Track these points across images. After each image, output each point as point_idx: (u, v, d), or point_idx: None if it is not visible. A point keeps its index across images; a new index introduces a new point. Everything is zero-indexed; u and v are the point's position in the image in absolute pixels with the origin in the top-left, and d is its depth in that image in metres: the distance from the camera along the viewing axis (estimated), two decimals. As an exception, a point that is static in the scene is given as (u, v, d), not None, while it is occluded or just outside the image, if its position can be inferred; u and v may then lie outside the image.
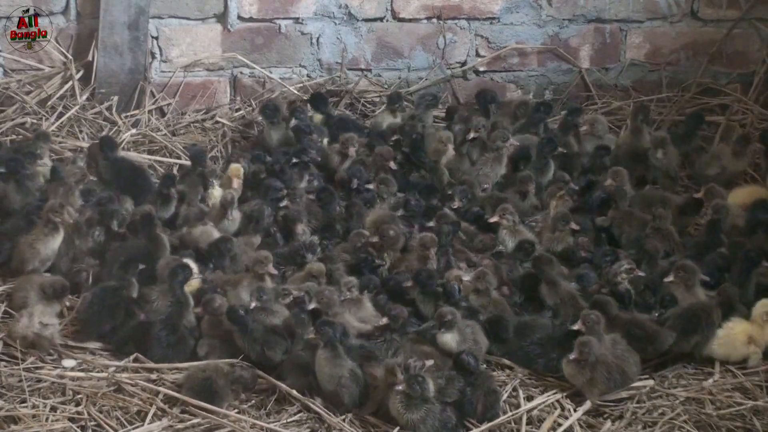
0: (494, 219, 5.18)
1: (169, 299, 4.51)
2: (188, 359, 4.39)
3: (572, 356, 4.23)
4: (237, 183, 5.46)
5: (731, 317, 4.53)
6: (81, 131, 6.00)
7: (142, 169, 5.63)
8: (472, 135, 5.85)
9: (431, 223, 5.16)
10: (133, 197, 5.31)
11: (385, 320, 4.41)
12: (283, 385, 4.22)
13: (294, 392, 4.19)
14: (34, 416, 4.03)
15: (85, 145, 5.84)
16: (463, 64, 6.60)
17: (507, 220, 5.16)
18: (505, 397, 4.24)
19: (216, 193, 5.37)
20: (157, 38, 6.24)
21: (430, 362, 4.12)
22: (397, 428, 4.00)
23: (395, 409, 4.02)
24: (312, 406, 4.13)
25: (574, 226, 5.13)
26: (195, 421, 4.05)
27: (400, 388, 4.01)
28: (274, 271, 4.71)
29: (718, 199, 5.25)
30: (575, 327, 4.37)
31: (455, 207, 5.36)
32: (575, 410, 4.19)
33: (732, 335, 4.49)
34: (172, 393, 4.16)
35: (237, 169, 5.52)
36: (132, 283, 4.64)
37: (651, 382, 4.34)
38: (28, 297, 4.58)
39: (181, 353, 4.41)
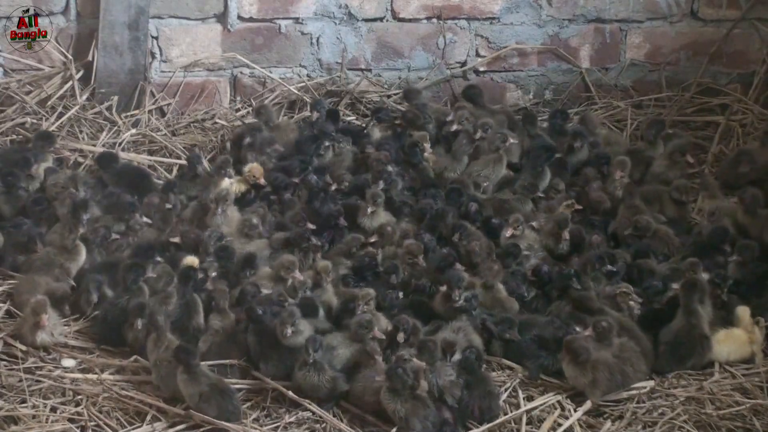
0: (509, 233, 5.10)
1: (178, 301, 4.51)
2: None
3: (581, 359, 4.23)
4: (263, 181, 5.44)
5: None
6: (81, 131, 5.99)
7: (146, 173, 5.63)
8: (455, 127, 5.82)
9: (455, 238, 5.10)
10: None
11: (401, 336, 4.35)
12: (281, 387, 4.22)
13: (291, 393, 4.19)
14: (34, 416, 4.05)
15: (86, 146, 5.85)
16: (463, 64, 6.59)
17: (519, 231, 5.13)
18: (504, 397, 4.25)
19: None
20: (157, 38, 6.23)
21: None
22: (395, 428, 4.00)
23: (384, 402, 4.03)
24: (310, 407, 4.14)
25: (566, 235, 5.09)
26: (194, 422, 4.05)
27: (379, 379, 4.04)
28: (301, 277, 4.64)
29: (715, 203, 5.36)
30: (586, 333, 4.37)
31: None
32: (575, 410, 4.19)
33: (733, 335, 4.51)
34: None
35: (258, 168, 5.48)
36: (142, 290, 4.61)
37: (651, 383, 4.34)
38: (34, 300, 4.55)
39: None
